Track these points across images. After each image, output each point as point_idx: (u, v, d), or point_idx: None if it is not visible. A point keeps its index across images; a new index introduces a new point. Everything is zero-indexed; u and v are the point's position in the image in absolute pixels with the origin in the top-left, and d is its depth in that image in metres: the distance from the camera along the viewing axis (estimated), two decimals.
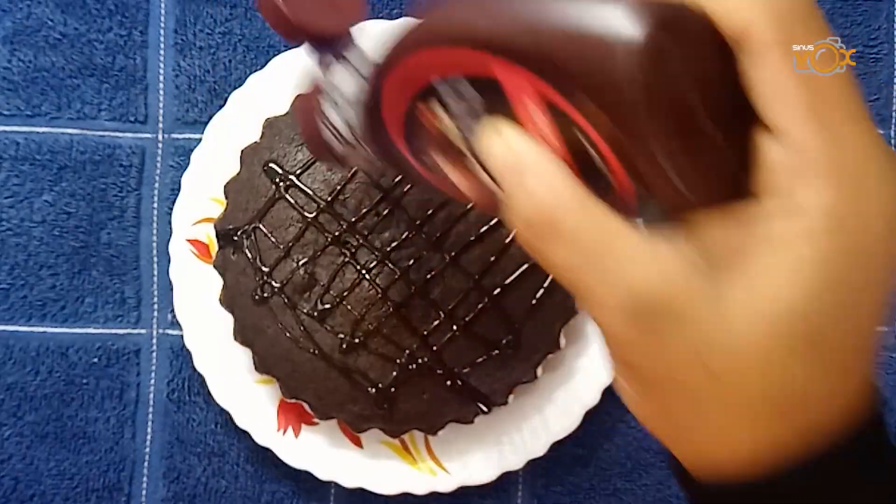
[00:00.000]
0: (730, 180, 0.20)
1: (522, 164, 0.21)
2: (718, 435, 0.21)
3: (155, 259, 0.46)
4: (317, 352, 0.41)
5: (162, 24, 0.46)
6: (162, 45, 0.46)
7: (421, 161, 0.26)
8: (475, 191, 0.25)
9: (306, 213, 0.41)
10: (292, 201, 0.42)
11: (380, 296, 0.41)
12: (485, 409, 0.42)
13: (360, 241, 0.41)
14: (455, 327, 0.41)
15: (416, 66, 0.23)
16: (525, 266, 0.41)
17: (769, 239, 0.19)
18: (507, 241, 0.41)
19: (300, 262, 0.41)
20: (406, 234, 0.41)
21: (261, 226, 0.42)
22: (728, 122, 0.20)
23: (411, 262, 0.41)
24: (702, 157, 0.19)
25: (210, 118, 0.44)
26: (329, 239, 0.41)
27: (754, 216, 0.20)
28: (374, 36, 0.45)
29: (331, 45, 0.29)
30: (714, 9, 0.20)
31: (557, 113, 0.20)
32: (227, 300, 0.42)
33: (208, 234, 0.44)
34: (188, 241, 0.44)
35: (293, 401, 0.42)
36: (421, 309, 0.41)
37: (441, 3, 0.22)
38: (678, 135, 0.19)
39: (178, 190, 0.44)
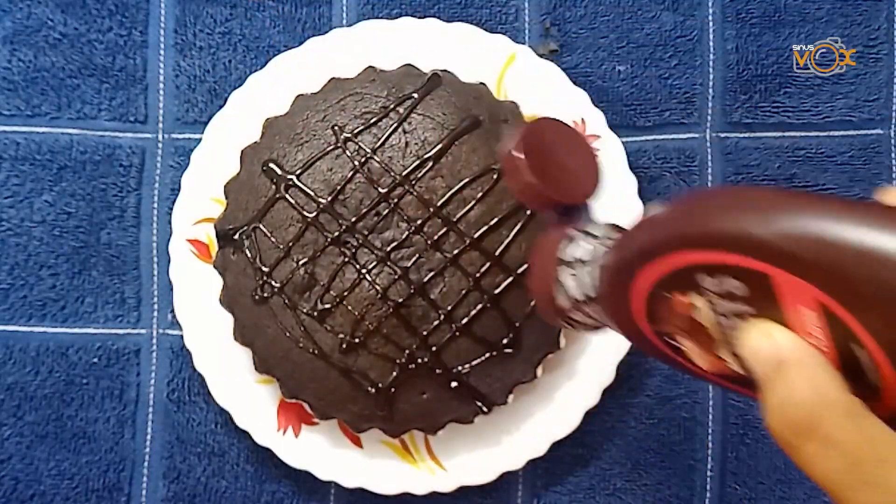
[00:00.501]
0: None
1: (788, 359, 0.21)
2: None
3: (155, 259, 0.46)
4: (317, 352, 0.41)
5: (162, 24, 0.46)
6: (162, 45, 0.46)
7: (659, 336, 0.26)
8: (716, 370, 0.25)
9: (306, 213, 0.41)
10: (292, 201, 0.42)
11: (380, 296, 0.41)
12: (485, 409, 0.42)
13: (360, 241, 0.41)
14: (455, 327, 0.41)
15: (682, 262, 0.23)
16: (525, 266, 0.41)
17: None
18: (507, 241, 0.41)
19: (300, 262, 0.41)
20: (406, 234, 0.41)
21: (261, 226, 0.42)
22: None
23: (411, 262, 0.41)
24: None
25: (210, 118, 0.44)
26: (329, 239, 0.41)
27: None
28: (372, 36, 0.45)
29: (571, 213, 0.31)
30: None
31: (828, 315, 0.20)
32: (227, 300, 0.42)
33: (208, 234, 0.44)
34: (188, 241, 0.44)
35: (293, 401, 0.42)
36: (421, 309, 0.41)
37: (719, 202, 0.22)
38: None
39: (178, 190, 0.44)
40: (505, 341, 0.41)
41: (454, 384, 0.41)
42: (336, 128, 0.42)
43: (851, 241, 0.20)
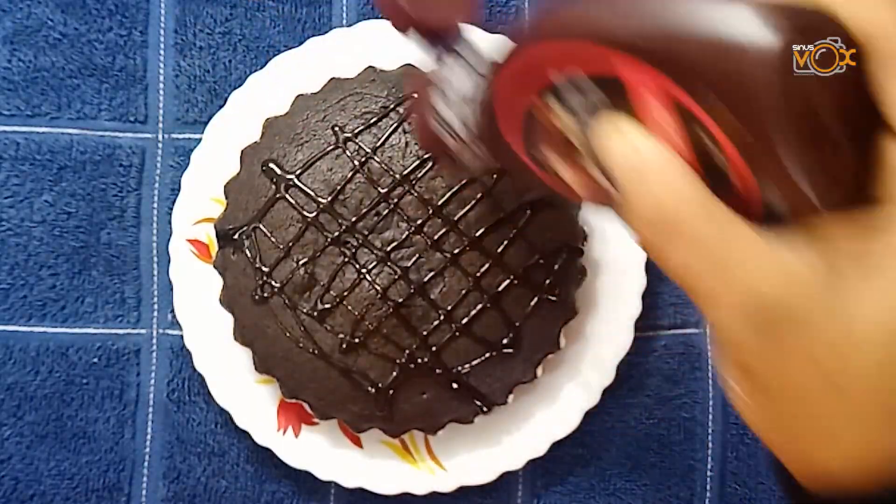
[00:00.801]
0: (855, 186, 0.20)
1: (644, 161, 0.21)
2: (833, 444, 0.20)
3: (155, 259, 0.46)
4: (317, 352, 0.41)
5: (162, 24, 0.46)
6: (162, 45, 0.46)
7: (533, 158, 0.26)
8: (588, 189, 0.25)
9: (306, 213, 0.41)
10: (292, 201, 0.42)
11: (380, 296, 0.41)
12: (485, 409, 0.42)
13: (360, 241, 0.41)
14: (455, 327, 0.41)
15: (535, 60, 0.23)
16: (525, 266, 0.41)
17: (893, 245, 0.19)
18: (507, 241, 0.41)
19: (300, 262, 0.41)
20: (406, 234, 0.41)
21: (261, 226, 0.42)
22: (855, 127, 0.20)
23: (411, 262, 0.41)
24: (829, 162, 0.20)
25: (210, 118, 0.44)
26: (329, 239, 0.41)
27: (879, 224, 0.19)
28: (372, 36, 0.45)
29: (443, 39, 0.29)
30: (845, 14, 0.19)
31: (681, 112, 0.20)
32: (227, 300, 0.42)
33: (208, 234, 0.44)
34: (188, 241, 0.44)
35: (293, 401, 0.42)
36: (421, 309, 0.41)
37: (565, 1, 0.23)
38: (807, 139, 0.19)
39: (178, 190, 0.44)
40: (505, 341, 0.41)
41: (454, 384, 0.41)
42: (336, 128, 0.42)
43: (700, 28, 0.19)
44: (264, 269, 0.41)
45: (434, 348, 0.41)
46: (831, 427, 0.20)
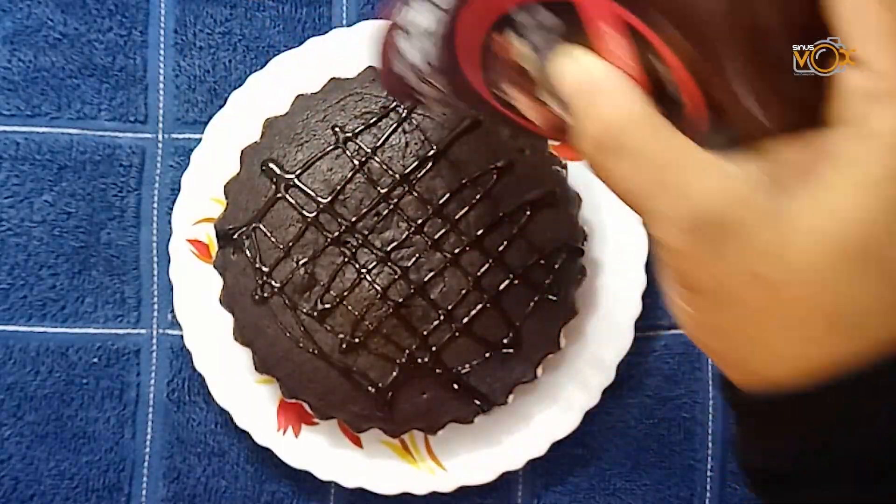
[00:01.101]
0: (804, 107, 0.20)
1: (594, 84, 0.22)
2: (772, 350, 0.21)
3: (155, 259, 0.46)
4: (317, 352, 0.41)
5: (162, 24, 0.46)
6: (162, 45, 0.46)
7: (494, 94, 0.27)
8: (545, 120, 0.25)
9: (306, 213, 0.41)
10: (292, 201, 0.42)
11: (380, 296, 0.41)
12: (485, 409, 0.42)
13: (360, 241, 0.41)
14: (455, 327, 0.41)
15: None
16: (525, 266, 0.41)
17: (836, 157, 0.19)
18: (507, 241, 0.41)
19: (300, 262, 0.41)
20: (406, 234, 0.41)
21: (261, 226, 0.42)
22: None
23: (411, 262, 0.41)
24: (777, 82, 0.20)
25: (210, 118, 0.44)
26: (329, 239, 0.41)
27: (827, 144, 0.20)
28: (372, 36, 0.45)
29: None
30: None
31: (635, 38, 0.21)
32: (227, 300, 0.42)
33: (208, 234, 0.44)
34: (188, 241, 0.44)
35: (293, 401, 0.42)
36: (421, 309, 0.41)
37: None
38: (756, 59, 0.19)
39: (178, 190, 0.44)
40: (505, 341, 0.41)
41: (454, 384, 0.41)
42: (336, 128, 0.42)
43: None
44: (264, 269, 0.41)
45: (434, 348, 0.41)
46: (771, 334, 0.21)
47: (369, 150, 0.42)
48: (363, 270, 0.41)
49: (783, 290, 0.20)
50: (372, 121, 0.42)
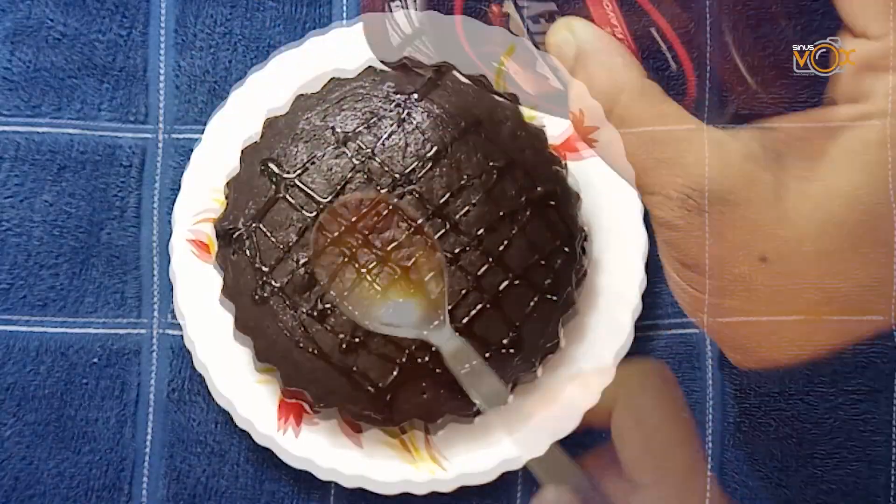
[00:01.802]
0: (804, 83, 0.20)
1: (587, 51, 0.22)
2: (772, 329, 0.21)
3: (155, 258, 0.46)
4: (317, 352, 0.41)
5: (162, 24, 0.46)
6: (162, 45, 0.46)
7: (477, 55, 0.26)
8: (533, 86, 0.25)
9: (306, 213, 0.41)
10: (292, 201, 0.42)
11: (380, 296, 0.41)
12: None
13: (360, 240, 0.41)
14: (455, 327, 0.41)
15: None
16: (525, 266, 0.41)
17: (835, 130, 0.19)
18: (507, 241, 0.41)
19: (300, 262, 0.41)
20: (406, 234, 0.41)
21: (261, 226, 0.42)
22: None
23: (411, 262, 0.41)
24: (776, 56, 0.20)
25: (210, 117, 0.44)
26: (329, 239, 0.41)
27: (825, 114, 0.20)
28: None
29: None
30: None
31: (630, 6, 0.21)
32: (227, 300, 0.42)
33: (208, 234, 0.44)
34: (188, 240, 0.44)
35: (293, 400, 0.42)
36: None
37: None
38: (755, 31, 0.19)
39: (179, 189, 0.44)
40: (505, 341, 0.41)
41: (454, 384, 0.41)
42: (336, 128, 0.42)
43: None
44: (264, 269, 0.41)
45: (434, 348, 0.41)
46: (765, 306, 0.20)
47: (369, 150, 0.42)
48: (363, 270, 0.41)
49: (776, 262, 0.20)
50: (372, 121, 0.42)
